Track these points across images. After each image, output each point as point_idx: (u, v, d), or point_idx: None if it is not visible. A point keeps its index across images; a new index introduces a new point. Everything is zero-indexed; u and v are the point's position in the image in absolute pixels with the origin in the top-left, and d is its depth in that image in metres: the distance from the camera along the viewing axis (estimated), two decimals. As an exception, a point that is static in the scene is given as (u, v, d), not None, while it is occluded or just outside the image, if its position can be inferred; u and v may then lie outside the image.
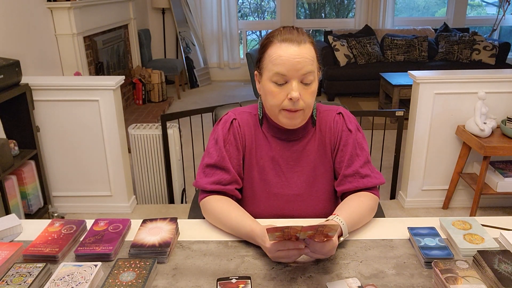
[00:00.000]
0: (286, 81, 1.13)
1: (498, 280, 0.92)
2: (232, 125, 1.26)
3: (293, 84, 1.12)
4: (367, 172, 1.23)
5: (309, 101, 1.15)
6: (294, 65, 1.10)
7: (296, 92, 1.11)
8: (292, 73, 1.11)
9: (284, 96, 1.13)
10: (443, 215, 2.78)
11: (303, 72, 1.11)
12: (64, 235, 1.13)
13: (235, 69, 6.59)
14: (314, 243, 0.99)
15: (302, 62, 1.10)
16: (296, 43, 1.12)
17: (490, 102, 2.59)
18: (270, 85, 1.14)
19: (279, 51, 1.12)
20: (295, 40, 1.12)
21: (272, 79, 1.14)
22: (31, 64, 3.07)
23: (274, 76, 1.13)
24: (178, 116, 2.72)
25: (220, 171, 1.23)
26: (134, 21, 5.14)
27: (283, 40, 1.13)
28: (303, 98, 1.13)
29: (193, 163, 3.05)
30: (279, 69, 1.11)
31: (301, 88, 1.13)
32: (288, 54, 1.11)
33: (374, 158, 3.44)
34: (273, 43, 1.14)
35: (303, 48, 1.12)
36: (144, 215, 2.80)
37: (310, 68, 1.12)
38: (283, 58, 1.11)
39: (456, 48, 5.47)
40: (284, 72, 1.11)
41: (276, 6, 6.50)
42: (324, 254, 1.01)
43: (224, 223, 1.17)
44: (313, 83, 1.14)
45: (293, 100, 1.12)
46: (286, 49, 1.11)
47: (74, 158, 2.72)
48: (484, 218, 1.22)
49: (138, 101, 5.18)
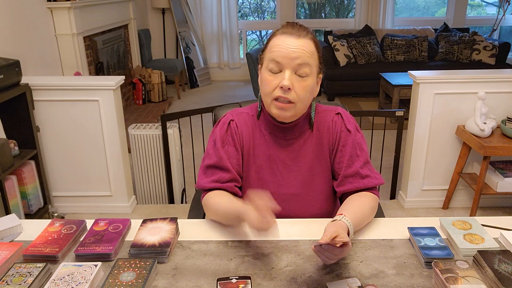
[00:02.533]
0: (280, 70, 1.14)
1: (498, 280, 0.92)
2: (230, 126, 1.27)
3: (286, 73, 1.13)
4: (367, 173, 1.23)
5: (302, 95, 1.15)
6: (289, 54, 1.12)
7: (288, 81, 1.12)
8: (286, 61, 1.13)
9: (276, 84, 1.15)
10: (443, 215, 2.78)
11: (298, 62, 1.12)
12: (64, 235, 1.13)
13: (235, 69, 6.59)
14: (334, 248, 0.96)
15: (297, 52, 1.12)
16: (296, 36, 1.15)
17: (490, 102, 2.59)
18: (265, 73, 1.17)
19: (277, 41, 1.16)
20: (295, 33, 1.15)
21: (268, 66, 1.16)
22: (31, 64, 3.07)
23: (270, 63, 1.15)
24: (178, 116, 2.72)
25: (220, 170, 1.24)
26: (134, 21, 5.14)
27: (283, 33, 1.17)
28: (296, 90, 1.14)
29: (193, 163, 3.05)
30: (274, 55, 1.14)
31: (294, 79, 1.14)
32: (284, 44, 1.14)
33: (374, 158, 3.44)
34: (275, 35, 1.19)
35: (301, 40, 1.14)
36: (144, 215, 2.80)
37: (305, 60, 1.13)
38: (280, 47, 1.14)
39: (456, 48, 5.47)
40: (279, 59, 1.13)
41: (276, 6, 6.50)
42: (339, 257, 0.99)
43: (218, 212, 1.18)
44: (308, 77, 1.15)
45: (284, 89, 1.13)
46: (284, 39, 1.15)
47: (74, 158, 2.72)
48: (484, 218, 1.22)
49: (138, 101, 5.18)
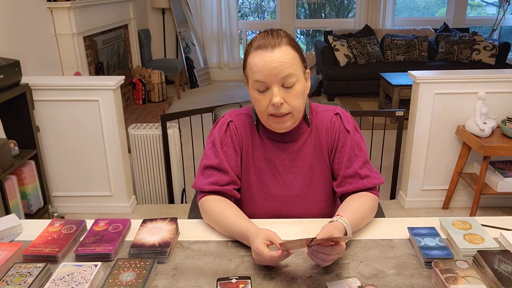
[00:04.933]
0: (267, 87, 1.13)
1: (498, 280, 0.92)
2: (229, 127, 1.27)
3: (274, 90, 1.12)
4: (366, 173, 1.23)
5: (294, 104, 1.15)
6: (271, 71, 1.10)
7: (277, 97, 1.11)
8: (270, 78, 1.11)
9: (267, 102, 1.14)
10: (443, 215, 2.78)
11: (282, 76, 1.11)
12: (64, 235, 1.13)
13: (235, 69, 6.59)
14: (324, 247, 0.96)
15: (278, 67, 1.10)
16: (271, 48, 1.11)
17: (490, 102, 2.59)
18: (254, 92, 1.16)
19: (255, 59, 1.13)
20: (269, 45, 1.12)
21: (254, 86, 1.15)
22: (31, 64, 3.07)
23: (255, 83, 1.14)
24: (178, 116, 2.72)
25: (218, 172, 1.23)
26: (134, 21, 5.14)
27: (257, 47, 1.13)
28: (288, 101, 1.13)
29: (193, 163, 3.05)
30: (257, 76, 1.12)
31: (283, 92, 1.13)
32: (263, 61, 1.11)
33: (374, 158, 3.44)
34: (250, 51, 1.16)
35: (278, 52, 1.11)
36: (144, 215, 2.80)
37: (288, 71, 1.11)
38: (259, 66, 1.12)
39: (456, 48, 5.47)
40: (262, 79, 1.12)
41: (276, 6, 6.50)
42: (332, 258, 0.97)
43: (220, 222, 1.17)
44: (296, 85, 1.14)
45: (276, 106, 1.12)
46: (261, 56, 1.12)
47: (74, 158, 2.72)
48: (484, 218, 1.22)
49: (138, 101, 5.18)
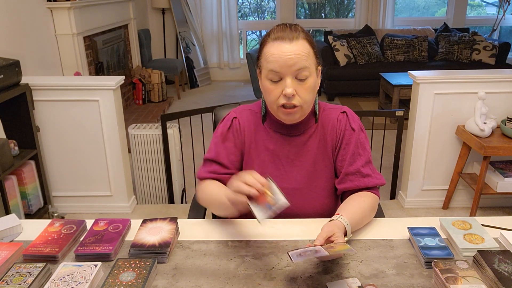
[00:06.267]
0: (280, 78, 1.15)
1: (498, 280, 0.92)
2: (233, 123, 1.31)
3: (287, 81, 1.14)
4: (368, 172, 1.24)
5: (305, 97, 1.17)
6: (286, 62, 1.12)
7: (290, 88, 1.13)
8: (285, 69, 1.13)
9: (279, 92, 1.16)
10: (443, 215, 2.78)
11: (296, 68, 1.13)
12: (64, 235, 1.13)
13: (235, 69, 6.59)
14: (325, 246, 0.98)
15: (294, 59, 1.12)
16: (288, 40, 1.14)
17: (490, 102, 2.58)
18: (267, 82, 1.18)
19: (271, 49, 1.15)
20: (287, 37, 1.14)
21: (268, 76, 1.17)
22: (31, 64, 3.07)
23: (269, 73, 1.16)
24: (178, 116, 2.72)
25: (217, 165, 1.28)
26: (134, 21, 5.14)
27: (275, 39, 1.15)
28: (299, 94, 1.15)
29: (193, 163, 3.05)
30: (272, 66, 1.14)
31: (296, 84, 1.15)
32: (279, 52, 1.13)
33: (374, 158, 3.42)
34: (267, 42, 1.18)
35: (295, 44, 1.14)
36: (144, 215, 2.80)
37: (303, 64, 1.13)
38: (275, 56, 1.14)
39: (456, 48, 5.47)
40: (277, 69, 1.14)
41: (276, 6, 6.50)
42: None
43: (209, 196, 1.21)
44: (309, 79, 1.16)
45: (288, 96, 1.14)
46: (278, 47, 1.14)
47: (74, 158, 2.72)
48: (484, 218, 1.22)
49: (138, 101, 5.18)
